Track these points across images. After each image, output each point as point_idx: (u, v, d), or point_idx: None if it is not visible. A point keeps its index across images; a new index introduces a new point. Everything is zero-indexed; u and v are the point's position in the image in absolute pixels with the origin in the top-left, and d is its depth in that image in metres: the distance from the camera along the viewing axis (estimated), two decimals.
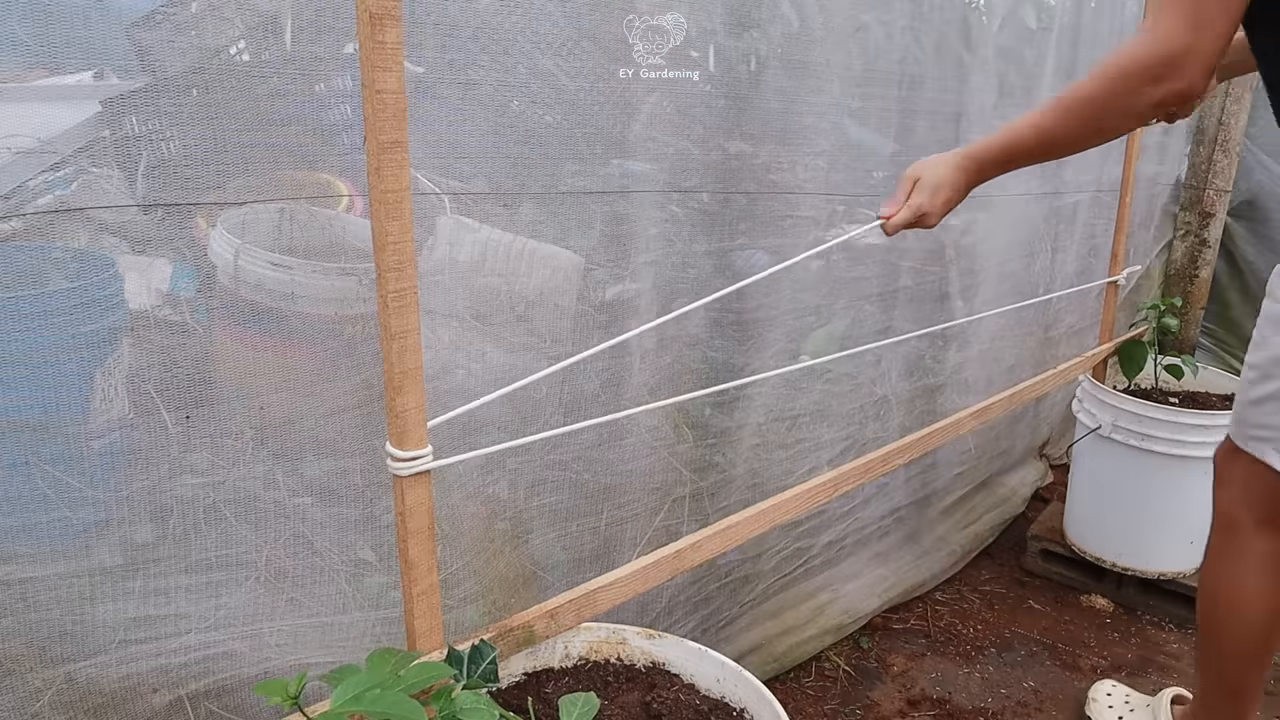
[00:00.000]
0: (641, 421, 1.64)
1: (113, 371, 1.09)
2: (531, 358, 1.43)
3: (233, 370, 1.15)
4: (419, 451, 0.96)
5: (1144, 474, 2.40)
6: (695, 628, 1.91)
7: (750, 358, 1.81)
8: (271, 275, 1.17)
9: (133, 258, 1.08)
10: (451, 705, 0.88)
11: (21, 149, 1.00)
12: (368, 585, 1.29)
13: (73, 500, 1.05)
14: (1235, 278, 3.64)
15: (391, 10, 0.82)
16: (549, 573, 1.56)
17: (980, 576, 2.66)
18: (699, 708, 1.19)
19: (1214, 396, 2.63)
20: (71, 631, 1.06)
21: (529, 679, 1.23)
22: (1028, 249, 2.60)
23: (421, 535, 1.00)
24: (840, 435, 2.12)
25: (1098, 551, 2.54)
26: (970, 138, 2.23)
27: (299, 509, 1.22)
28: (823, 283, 1.96)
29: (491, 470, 1.44)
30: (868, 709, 2.08)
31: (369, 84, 0.83)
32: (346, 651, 1.27)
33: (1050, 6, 2.38)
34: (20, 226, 1.00)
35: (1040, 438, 3.18)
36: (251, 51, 1.13)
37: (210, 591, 1.16)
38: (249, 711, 1.20)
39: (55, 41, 0.95)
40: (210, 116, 1.07)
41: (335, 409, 1.23)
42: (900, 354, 2.27)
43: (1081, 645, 2.36)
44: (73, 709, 1.07)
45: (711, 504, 1.82)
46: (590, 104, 1.41)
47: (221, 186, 1.11)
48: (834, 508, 2.22)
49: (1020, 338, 2.74)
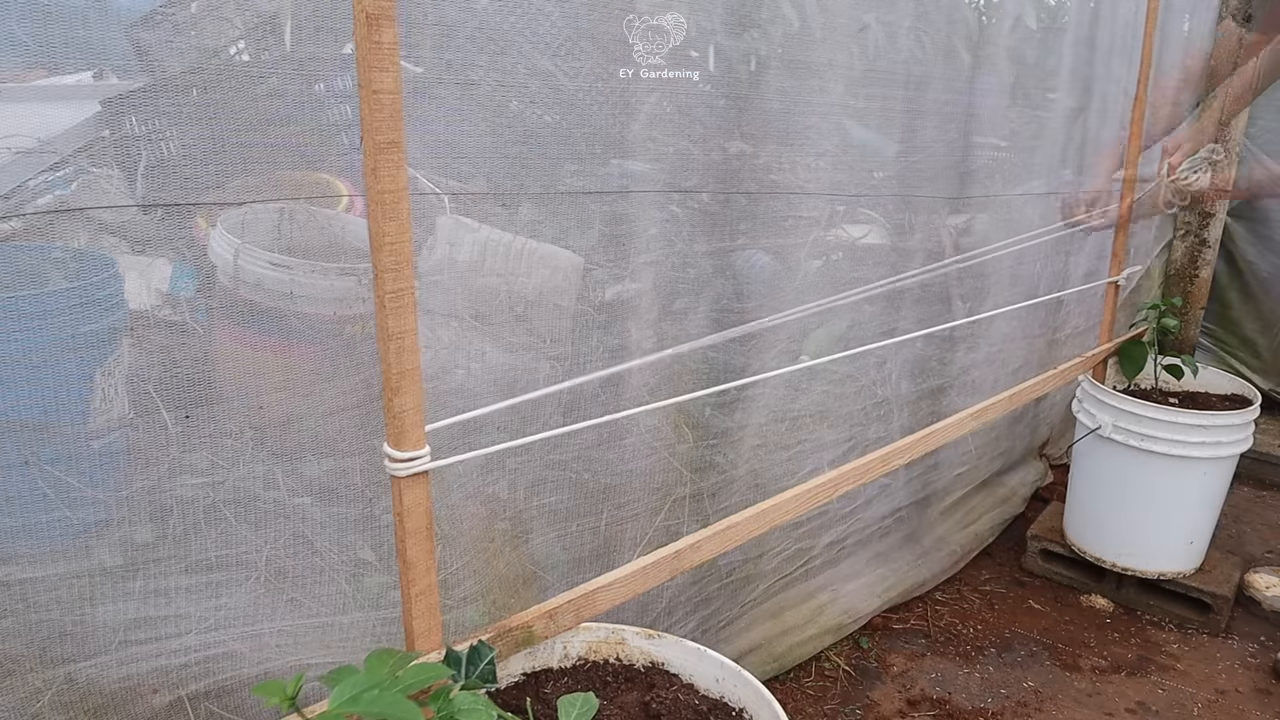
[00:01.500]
0: (642, 421, 1.64)
1: (113, 371, 1.09)
2: (531, 358, 1.43)
3: (232, 370, 1.15)
4: (417, 452, 0.96)
5: (1144, 474, 2.40)
6: (696, 628, 1.91)
7: (751, 358, 1.81)
8: (271, 275, 1.17)
9: (133, 258, 1.08)
10: (449, 706, 0.88)
11: (21, 149, 1.00)
12: (367, 585, 1.29)
13: (73, 500, 1.05)
14: (1235, 278, 3.64)
15: (388, 11, 0.82)
16: (548, 573, 1.56)
17: (980, 576, 2.66)
18: (698, 708, 1.19)
19: (1214, 397, 2.63)
20: (72, 632, 1.06)
21: (528, 679, 1.23)
22: (1037, 251, 2.60)
23: (420, 536, 1.00)
24: (843, 436, 2.12)
25: (1098, 551, 2.54)
26: (978, 140, 2.23)
27: (299, 509, 1.22)
28: (824, 283, 1.96)
29: (491, 470, 1.44)
30: (868, 709, 2.08)
31: (365, 84, 0.83)
32: (346, 652, 1.27)
33: (1052, 6, 2.38)
34: (20, 226, 1.00)
35: (1040, 438, 3.18)
36: (251, 51, 1.13)
37: (210, 591, 1.16)
38: (249, 712, 1.20)
39: (55, 41, 0.95)
40: (210, 116, 1.07)
41: (335, 409, 1.23)
42: (905, 356, 2.27)
43: (1081, 645, 2.36)
44: (73, 709, 1.07)
45: (712, 504, 1.82)
46: (590, 104, 1.41)
47: (221, 186, 1.11)
48: (835, 508, 2.22)
49: (1028, 340, 2.74)
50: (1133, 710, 2.12)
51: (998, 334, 2.55)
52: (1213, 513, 2.46)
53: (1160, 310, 2.68)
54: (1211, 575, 2.48)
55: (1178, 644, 2.38)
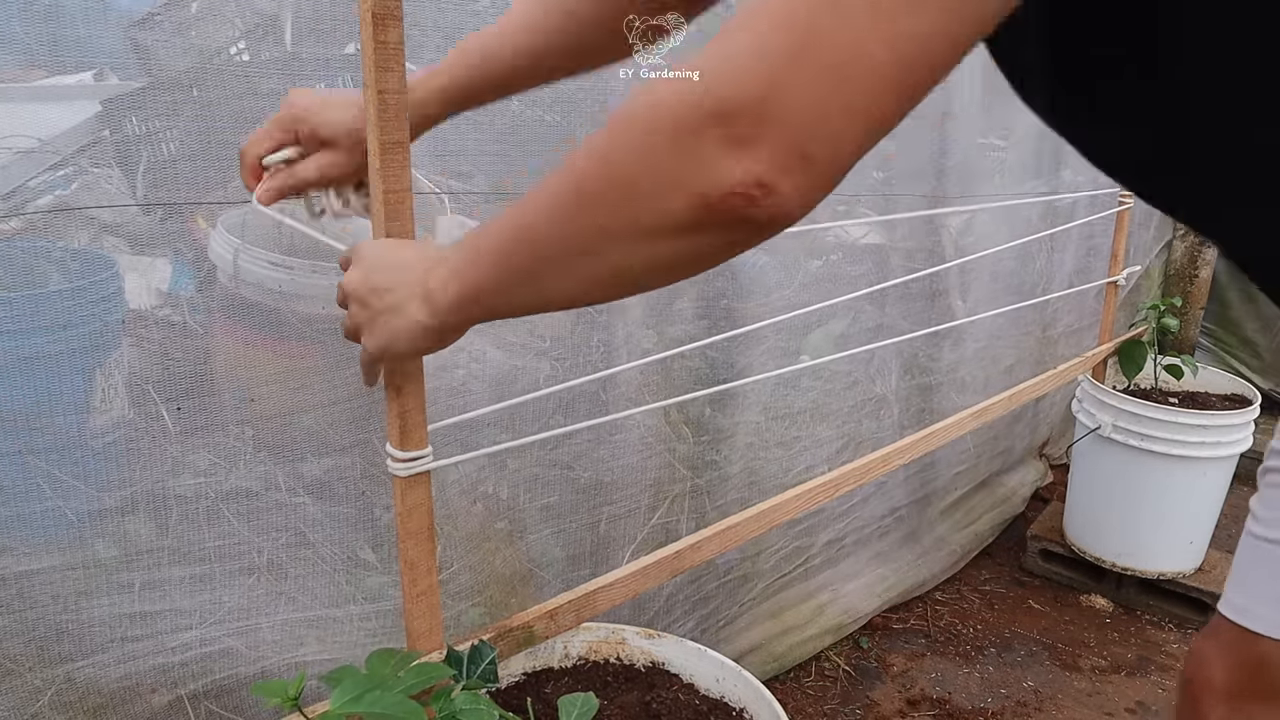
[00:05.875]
0: (639, 420, 1.64)
1: (113, 371, 1.09)
2: (531, 356, 1.43)
3: (232, 369, 1.15)
4: (419, 452, 0.96)
5: (1144, 474, 2.40)
6: (695, 627, 1.91)
7: (750, 357, 1.82)
8: (271, 275, 1.17)
9: (133, 258, 1.08)
10: (451, 706, 0.88)
11: (21, 149, 1.00)
12: (368, 584, 1.29)
13: (75, 501, 1.05)
14: (1235, 278, 3.63)
15: (393, 10, 0.82)
16: (546, 570, 1.56)
17: (980, 576, 2.66)
18: (698, 708, 1.19)
19: (1214, 396, 2.63)
20: (71, 631, 1.06)
21: (528, 679, 1.24)
22: (1025, 248, 2.60)
23: (421, 536, 1.00)
24: (836, 433, 2.12)
25: (1097, 551, 2.54)
26: (956, 139, 2.21)
27: (299, 507, 1.22)
28: (824, 282, 1.96)
29: (490, 469, 1.44)
30: (868, 709, 2.08)
31: (371, 84, 0.83)
32: (343, 648, 1.27)
33: None
34: (20, 226, 1.00)
35: (1040, 438, 3.18)
36: (251, 51, 1.13)
37: (210, 591, 1.16)
38: (249, 711, 1.20)
39: (55, 41, 0.95)
40: (210, 116, 1.07)
41: (333, 406, 1.23)
42: (895, 352, 2.27)
43: (1081, 645, 2.36)
44: (72, 709, 1.07)
45: (710, 501, 1.83)
46: (590, 104, 1.41)
47: (222, 186, 1.11)
48: (832, 506, 2.22)
49: (1018, 337, 2.74)
50: (1132, 710, 2.12)
51: (983, 331, 2.54)
52: (1213, 513, 2.46)
53: (1160, 310, 2.68)
54: (1211, 575, 2.48)
55: (1178, 644, 2.38)
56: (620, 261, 0.61)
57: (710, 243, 0.58)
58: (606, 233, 0.60)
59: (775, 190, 0.54)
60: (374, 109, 0.84)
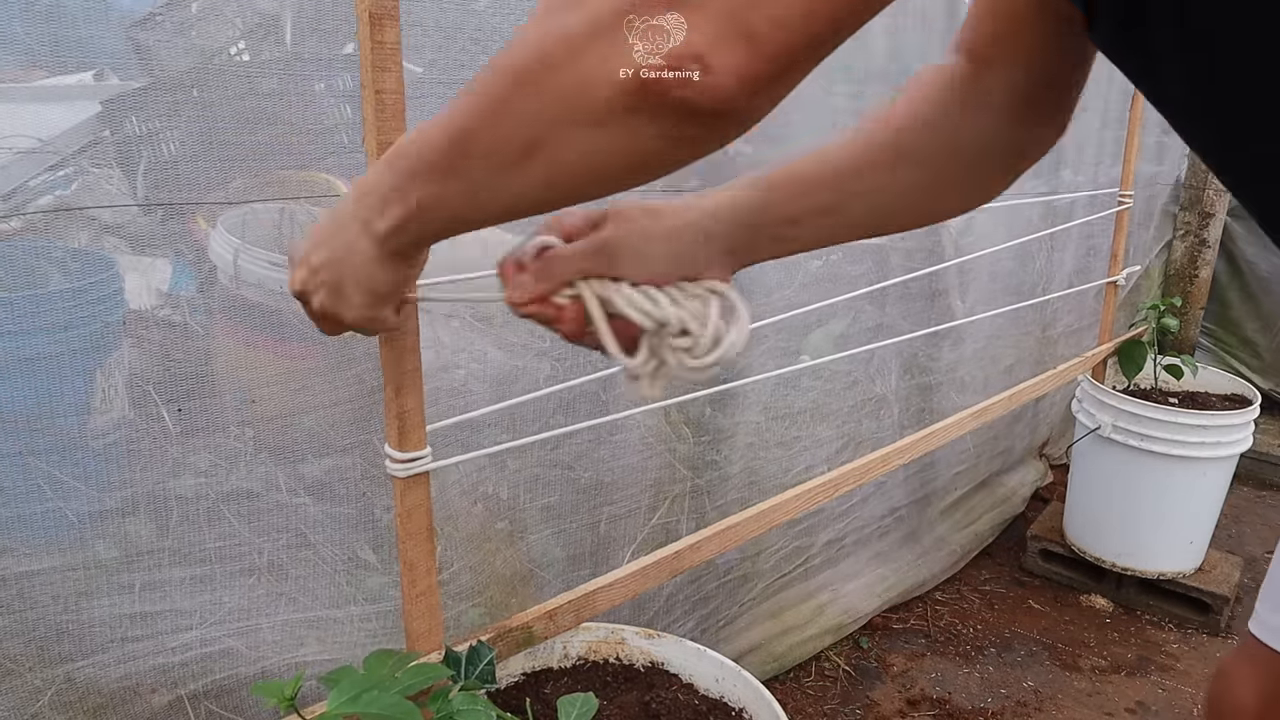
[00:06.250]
0: (639, 420, 1.64)
1: (113, 372, 1.09)
2: (532, 357, 1.43)
3: (233, 370, 1.15)
4: (418, 453, 0.96)
5: (1143, 474, 2.40)
6: (694, 627, 1.91)
7: (749, 357, 1.81)
8: (271, 275, 1.17)
9: (133, 258, 1.08)
10: (448, 706, 0.88)
11: (22, 149, 1.00)
12: (368, 585, 1.29)
13: (75, 502, 1.05)
14: (1235, 278, 3.64)
15: (391, 10, 0.82)
16: (546, 570, 1.56)
17: (980, 576, 2.66)
18: (698, 708, 1.19)
19: (1214, 397, 2.63)
20: (71, 631, 1.06)
21: (527, 679, 1.24)
22: (1024, 248, 2.60)
23: (420, 536, 1.00)
24: (836, 433, 2.12)
25: (1097, 551, 2.54)
26: None
27: (299, 508, 1.22)
28: (822, 281, 1.96)
29: (490, 469, 1.44)
30: (868, 709, 2.08)
31: (368, 84, 0.83)
32: (344, 649, 1.27)
33: None
34: (20, 226, 1.00)
35: (1040, 438, 3.18)
36: (251, 51, 1.13)
37: (211, 592, 1.16)
38: (249, 711, 1.20)
39: (56, 41, 0.95)
40: (210, 116, 1.07)
41: (334, 408, 1.23)
42: (895, 351, 2.27)
43: (1081, 645, 2.36)
44: (72, 709, 1.07)
45: (710, 501, 1.83)
46: None
47: (222, 186, 1.11)
48: (832, 506, 2.22)
49: (1017, 337, 2.74)
50: (1132, 710, 2.12)
51: (981, 331, 2.54)
52: (1213, 513, 2.46)
53: (1160, 310, 2.68)
54: (1211, 575, 2.48)
55: (1178, 644, 2.38)
56: (557, 155, 0.56)
57: (649, 134, 0.54)
58: (539, 119, 0.55)
59: (711, 68, 0.50)
60: (371, 109, 0.84)
